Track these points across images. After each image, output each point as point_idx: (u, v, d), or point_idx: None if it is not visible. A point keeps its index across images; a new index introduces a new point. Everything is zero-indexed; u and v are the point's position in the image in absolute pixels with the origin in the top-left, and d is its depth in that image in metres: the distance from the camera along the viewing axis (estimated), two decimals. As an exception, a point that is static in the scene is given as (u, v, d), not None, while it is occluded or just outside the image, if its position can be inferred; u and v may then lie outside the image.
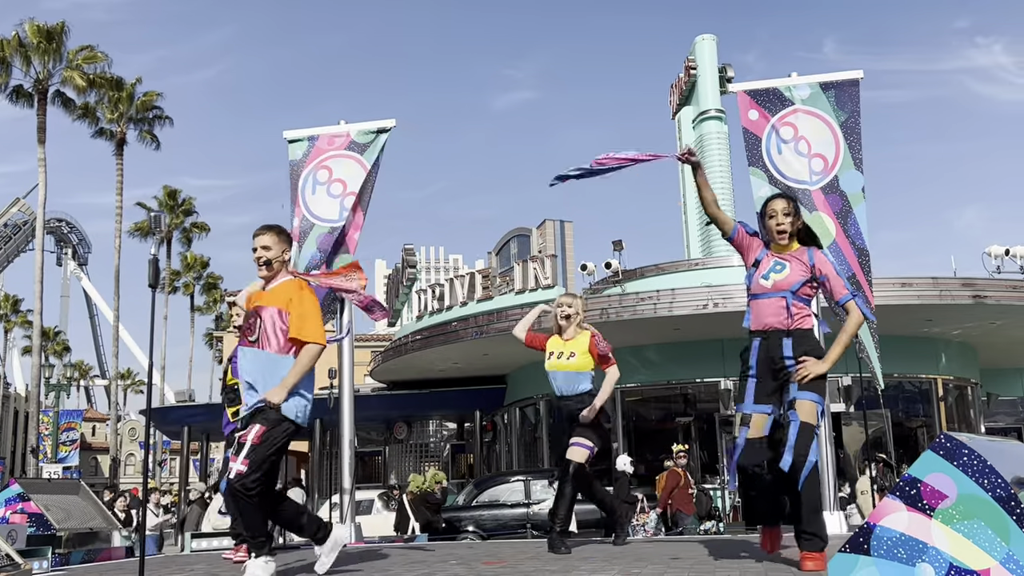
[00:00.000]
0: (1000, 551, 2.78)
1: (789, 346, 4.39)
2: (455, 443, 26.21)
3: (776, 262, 4.52)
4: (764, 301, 4.48)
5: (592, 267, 20.38)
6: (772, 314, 4.44)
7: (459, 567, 4.99)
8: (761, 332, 4.46)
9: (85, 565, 6.77)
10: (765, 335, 4.45)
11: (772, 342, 4.42)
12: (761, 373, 4.44)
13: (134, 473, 59.62)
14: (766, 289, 4.47)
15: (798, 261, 4.50)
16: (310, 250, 8.36)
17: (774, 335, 4.43)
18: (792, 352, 4.38)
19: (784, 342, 4.40)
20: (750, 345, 4.49)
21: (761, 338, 4.45)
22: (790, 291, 4.44)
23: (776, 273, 4.48)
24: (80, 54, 31.69)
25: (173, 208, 41.98)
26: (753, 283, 4.54)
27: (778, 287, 4.45)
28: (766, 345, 4.43)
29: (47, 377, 38.58)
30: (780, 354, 4.39)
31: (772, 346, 4.42)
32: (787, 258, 4.53)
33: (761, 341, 4.45)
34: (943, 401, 19.10)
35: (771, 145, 8.03)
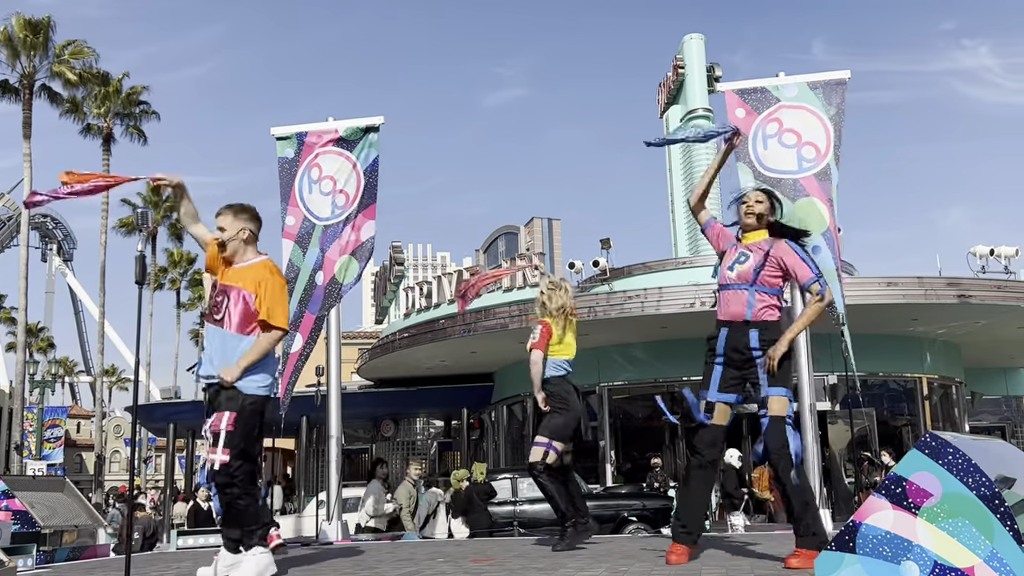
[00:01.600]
0: (984, 549, 2.80)
1: (756, 337, 4.46)
2: (442, 441, 26.20)
3: (741, 252, 4.61)
4: (729, 292, 4.57)
5: (580, 265, 20.42)
6: (738, 305, 4.51)
7: (446, 565, 4.99)
8: (727, 323, 4.53)
9: (70, 563, 6.74)
10: (731, 325, 4.51)
11: (738, 332, 4.48)
12: (727, 361, 4.50)
13: (119, 470, 59.33)
14: (731, 280, 4.57)
15: (760, 250, 4.57)
16: (314, 251, 8.36)
17: (740, 326, 4.49)
18: (758, 343, 4.45)
19: (751, 333, 4.46)
20: (717, 333, 4.56)
21: (728, 328, 4.52)
22: (751, 283, 4.51)
23: (740, 264, 4.57)
24: (67, 49, 31.48)
25: (157, 204, 41.73)
26: (720, 274, 4.65)
27: (741, 277, 4.54)
28: (733, 335, 4.49)
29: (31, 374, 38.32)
30: (746, 344, 4.46)
31: (738, 336, 4.48)
32: (751, 248, 4.61)
33: (729, 331, 4.51)
34: (928, 400, 19.21)
35: (757, 141, 8.08)
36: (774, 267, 4.52)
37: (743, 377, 4.49)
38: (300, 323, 8.34)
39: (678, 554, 4.43)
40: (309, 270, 8.36)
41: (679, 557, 4.41)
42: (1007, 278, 17.97)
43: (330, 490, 8.64)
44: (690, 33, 25.85)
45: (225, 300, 4.48)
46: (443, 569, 4.74)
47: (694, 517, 4.58)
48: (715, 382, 4.51)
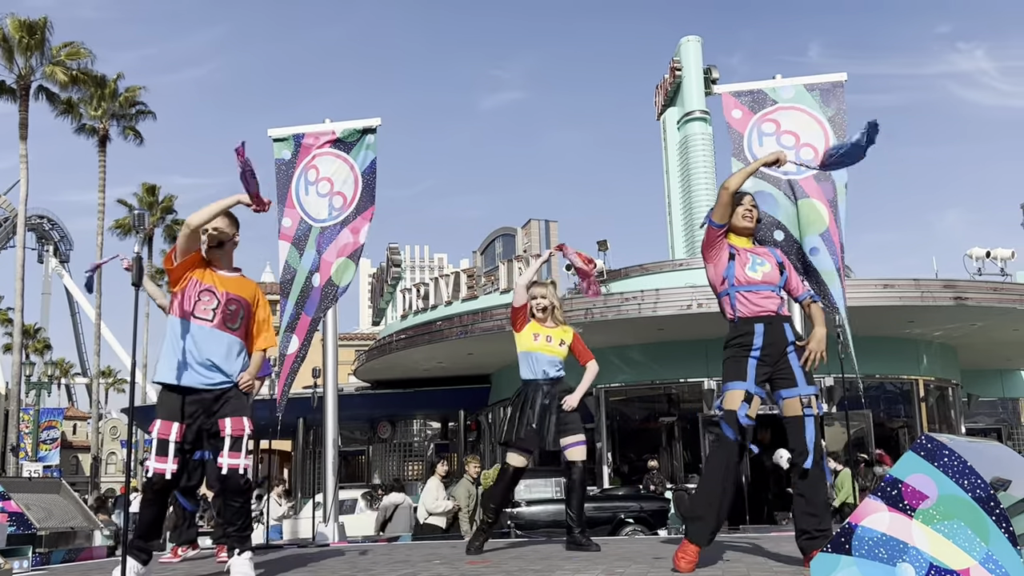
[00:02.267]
0: (980, 551, 2.81)
1: (790, 331, 4.46)
2: (439, 442, 26.17)
3: (753, 257, 4.57)
4: (760, 292, 4.48)
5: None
6: (771, 303, 4.47)
7: (443, 567, 4.99)
8: (764, 318, 4.42)
9: (66, 564, 6.73)
10: (768, 320, 4.42)
11: (776, 327, 4.42)
12: (762, 356, 4.38)
13: (115, 472, 59.24)
14: (757, 281, 4.49)
15: (772, 258, 4.60)
16: (311, 253, 8.35)
17: (777, 320, 4.44)
18: (794, 336, 4.45)
19: (784, 326, 4.45)
20: (751, 329, 4.40)
21: (765, 323, 4.41)
22: (779, 285, 4.54)
23: (761, 267, 4.53)
24: (63, 50, 31.46)
25: (152, 205, 41.68)
26: (739, 275, 4.51)
27: (768, 279, 4.51)
28: (771, 329, 4.40)
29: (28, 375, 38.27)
30: (785, 338, 4.41)
31: (776, 331, 4.41)
32: (761, 254, 4.61)
33: (766, 325, 4.41)
34: (924, 402, 19.23)
35: (753, 138, 8.09)
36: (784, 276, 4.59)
37: (770, 374, 4.40)
38: (296, 325, 8.33)
39: (688, 559, 4.21)
40: (306, 272, 8.35)
41: (688, 564, 4.19)
42: (1003, 280, 18.01)
43: (327, 492, 8.64)
44: (687, 35, 25.87)
45: (240, 310, 4.59)
46: (439, 571, 4.74)
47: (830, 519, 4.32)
48: (751, 373, 4.35)
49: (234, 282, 4.65)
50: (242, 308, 4.60)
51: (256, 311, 4.70)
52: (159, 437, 4.31)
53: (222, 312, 4.54)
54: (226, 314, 4.55)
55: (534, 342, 6.14)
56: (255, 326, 4.69)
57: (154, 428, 4.35)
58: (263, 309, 4.74)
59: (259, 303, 4.73)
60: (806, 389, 4.35)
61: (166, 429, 4.31)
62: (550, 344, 6.12)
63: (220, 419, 4.39)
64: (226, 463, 4.33)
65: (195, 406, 4.42)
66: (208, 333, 4.49)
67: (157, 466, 4.28)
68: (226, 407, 4.42)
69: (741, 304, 4.47)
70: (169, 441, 4.29)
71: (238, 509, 4.40)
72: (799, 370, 4.37)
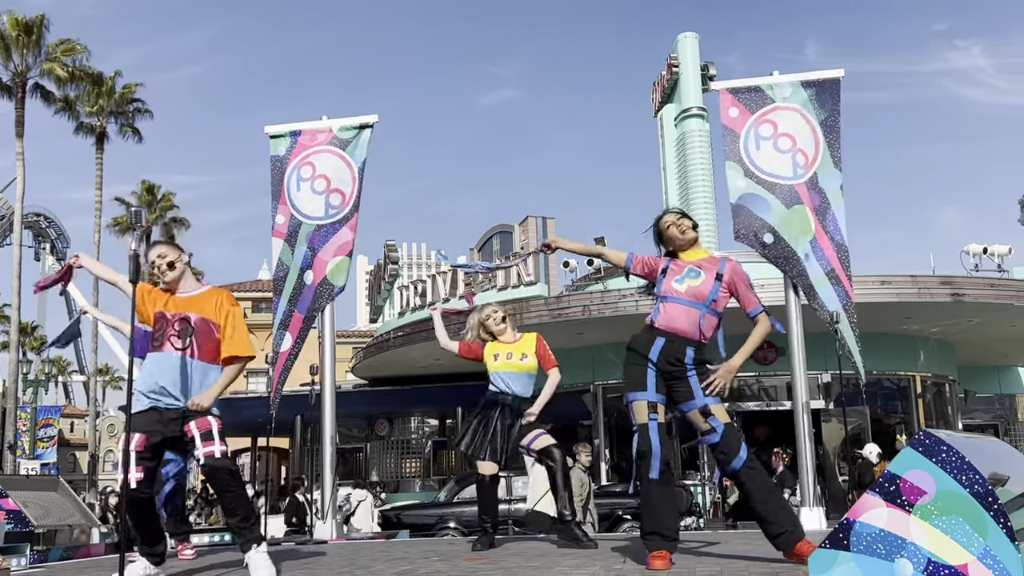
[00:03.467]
0: (978, 546, 2.81)
1: (691, 355, 4.39)
2: (437, 439, 26.17)
3: (689, 268, 4.49)
4: (677, 306, 4.42)
5: (574, 264, 20.41)
6: (685, 323, 4.40)
7: (441, 563, 4.99)
8: (667, 334, 4.40)
9: (64, 562, 6.72)
10: (670, 338, 4.39)
11: (677, 346, 4.39)
12: (658, 369, 4.39)
13: (113, 470, 59.19)
14: (679, 294, 4.43)
15: (712, 270, 4.48)
16: (302, 249, 8.34)
17: (680, 341, 4.39)
18: (692, 360, 4.39)
19: (688, 350, 4.39)
20: (651, 340, 4.41)
21: (666, 339, 4.39)
22: (705, 304, 4.42)
23: (691, 279, 4.45)
24: (60, 47, 31.40)
25: (152, 203, 41.62)
26: (664, 287, 4.49)
27: (693, 294, 4.42)
28: (669, 347, 4.38)
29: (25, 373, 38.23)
30: (681, 358, 4.37)
31: (676, 349, 4.38)
32: (700, 264, 4.51)
33: (665, 342, 4.39)
34: (921, 398, 19.26)
35: (749, 141, 8.09)
36: (725, 291, 4.47)
37: (668, 388, 4.41)
38: (289, 322, 8.32)
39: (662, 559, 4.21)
40: (297, 269, 8.34)
41: (664, 562, 4.20)
42: (1000, 276, 18.02)
43: (324, 489, 8.63)
44: (684, 32, 25.86)
45: (188, 328, 4.51)
46: (438, 568, 4.74)
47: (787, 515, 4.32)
48: (651, 383, 4.38)
49: (188, 301, 4.60)
50: (190, 325, 4.52)
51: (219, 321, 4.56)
52: (123, 449, 4.34)
53: (168, 335, 4.51)
54: (171, 335, 4.50)
55: (495, 362, 6.09)
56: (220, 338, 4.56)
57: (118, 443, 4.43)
58: (228, 317, 4.58)
59: (222, 313, 4.58)
60: (702, 401, 4.33)
61: (127, 441, 4.34)
62: (511, 361, 6.04)
63: (184, 425, 4.41)
64: (202, 453, 4.33)
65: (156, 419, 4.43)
66: (160, 359, 4.49)
67: (121, 476, 4.33)
68: (187, 416, 4.42)
69: (659, 315, 4.47)
70: (131, 451, 4.31)
71: (235, 497, 4.39)
72: (697, 387, 4.35)
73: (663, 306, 4.47)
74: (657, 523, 4.32)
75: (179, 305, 4.59)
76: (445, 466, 24.92)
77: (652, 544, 4.30)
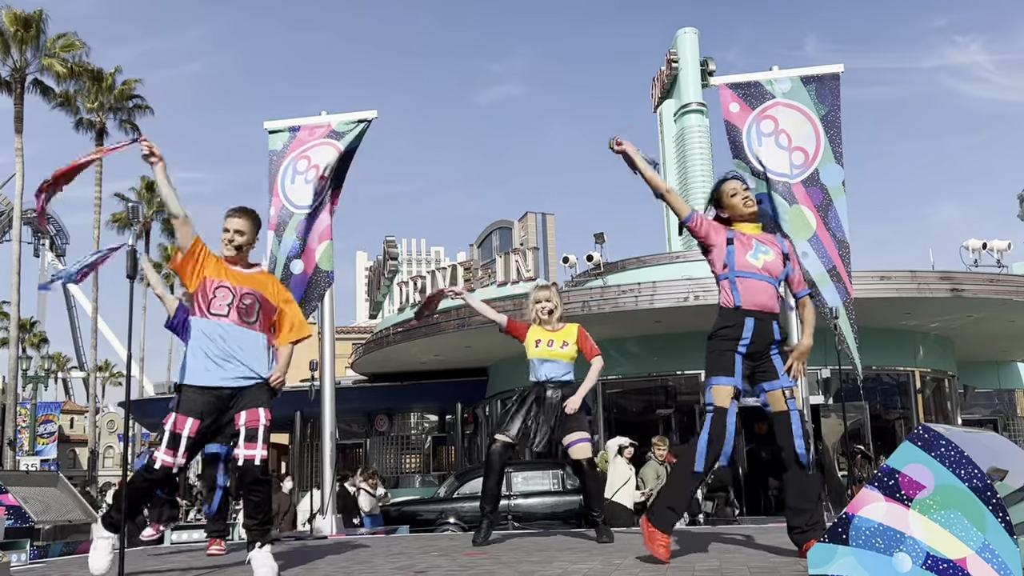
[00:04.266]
0: (976, 540, 2.82)
1: (777, 330, 4.39)
2: (436, 435, 26.20)
3: (758, 244, 4.45)
4: (757, 282, 4.38)
5: (574, 260, 20.40)
6: (767, 296, 4.38)
7: (440, 558, 5.00)
8: (756, 312, 4.35)
9: (64, 557, 6.73)
10: (759, 316, 4.35)
11: (765, 324, 4.36)
12: (748, 352, 4.34)
13: (112, 466, 59.25)
14: (757, 269, 4.39)
15: (777, 248, 4.49)
16: (290, 238, 8.32)
17: (768, 317, 4.37)
18: (779, 335, 4.40)
19: (774, 325, 4.39)
20: (740, 322, 4.33)
21: (755, 318, 4.34)
22: (778, 280, 4.44)
23: (764, 255, 4.42)
24: (58, 42, 31.36)
25: (151, 199, 41.60)
26: (738, 260, 4.40)
27: (768, 270, 4.40)
28: (760, 326, 4.34)
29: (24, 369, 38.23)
30: (772, 338, 4.36)
31: (764, 328, 4.35)
32: (765, 242, 4.49)
33: (756, 321, 4.34)
34: (921, 393, 19.28)
35: (751, 137, 8.08)
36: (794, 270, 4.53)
37: (752, 369, 4.38)
38: None
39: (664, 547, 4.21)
40: (283, 258, 8.31)
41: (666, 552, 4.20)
42: (999, 272, 18.01)
43: (324, 485, 8.64)
44: (683, 28, 25.84)
45: (256, 304, 4.55)
46: (437, 562, 4.75)
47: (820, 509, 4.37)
48: (738, 369, 4.31)
49: (249, 278, 4.62)
50: (258, 302, 4.56)
51: (277, 304, 4.64)
52: (173, 430, 4.29)
53: (237, 307, 4.51)
54: (240, 308, 4.52)
55: (535, 348, 6.11)
56: (278, 320, 4.65)
57: (168, 420, 4.34)
58: (285, 302, 4.70)
59: (280, 296, 4.68)
60: (787, 382, 4.36)
61: (181, 423, 4.30)
62: (551, 349, 6.08)
63: (236, 413, 4.39)
64: (241, 454, 4.32)
65: (214, 404, 4.40)
66: (226, 328, 4.47)
67: (165, 459, 4.27)
68: (242, 401, 4.41)
69: (739, 293, 4.37)
70: (182, 436, 4.28)
71: (259, 502, 4.40)
72: (781, 367, 4.36)
73: (741, 282, 4.39)
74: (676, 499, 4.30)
75: (240, 280, 4.58)
76: (445, 462, 24.93)
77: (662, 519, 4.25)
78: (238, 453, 4.34)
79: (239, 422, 4.36)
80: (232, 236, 4.60)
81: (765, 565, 4.06)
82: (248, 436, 4.34)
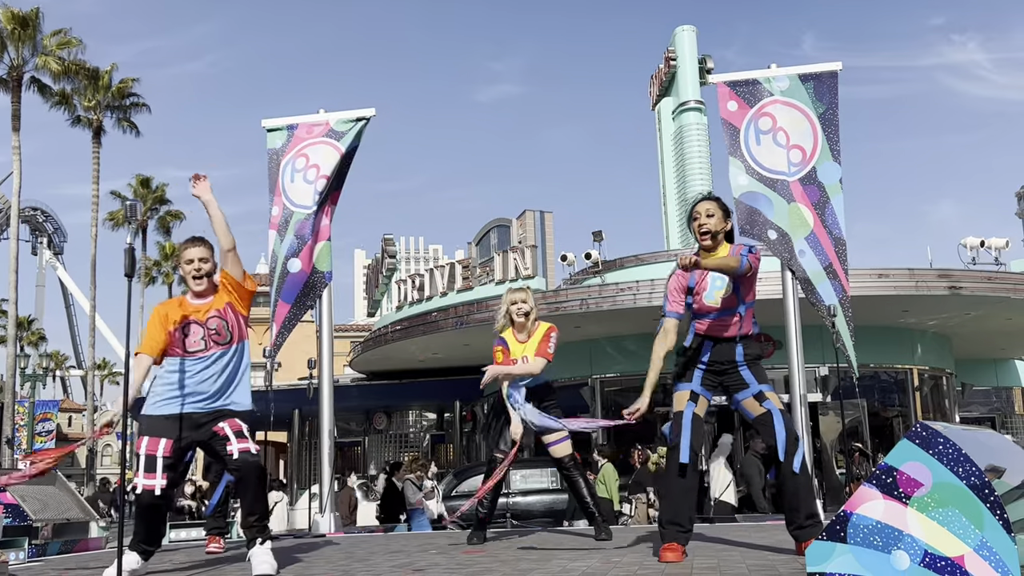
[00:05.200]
0: (974, 538, 2.82)
1: (740, 352, 4.49)
2: (435, 433, 26.20)
3: (712, 280, 4.47)
4: (715, 321, 4.49)
5: (572, 258, 20.39)
6: (724, 330, 4.50)
7: (439, 556, 5.00)
8: (713, 338, 4.52)
9: (62, 556, 6.73)
10: (719, 340, 4.51)
11: (724, 347, 4.50)
12: (708, 368, 4.51)
13: (111, 464, 59.18)
14: (714, 308, 4.47)
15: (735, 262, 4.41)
16: (289, 237, 8.32)
17: (728, 341, 4.50)
18: (743, 357, 4.48)
19: (736, 348, 4.49)
20: (700, 344, 4.53)
21: (713, 342, 4.51)
22: (741, 308, 4.47)
23: (718, 290, 4.45)
24: (54, 39, 31.30)
25: (146, 197, 41.53)
26: (697, 304, 4.52)
27: (726, 304, 4.45)
28: (719, 349, 4.50)
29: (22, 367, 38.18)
30: (731, 358, 4.48)
31: (724, 350, 4.50)
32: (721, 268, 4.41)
33: (714, 345, 4.51)
34: (918, 391, 19.29)
35: (749, 136, 8.07)
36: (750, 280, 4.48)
37: (721, 383, 4.53)
38: (275, 313, 8.29)
39: (675, 552, 4.26)
40: (282, 258, 8.31)
41: (677, 555, 4.25)
42: (997, 269, 18.03)
43: (323, 483, 8.64)
44: (682, 25, 25.82)
45: (222, 319, 4.52)
46: (435, 560, 4.75)
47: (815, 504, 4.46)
48: (697, 378, 4.53)
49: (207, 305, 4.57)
50: (222, 317, 4.54)
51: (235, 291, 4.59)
52: (147, 454, 4.29)
53: (208, 335, 4.50)
54: (211, 334, 4.50)
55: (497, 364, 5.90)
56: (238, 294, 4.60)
57: (140, 445, 4.33)
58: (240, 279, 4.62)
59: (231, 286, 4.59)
60: (757, 387, 4.43)
61: (153, 446, 4.30)
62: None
63: (214, 427, 4.40)
64: (236, 448, 4.33)
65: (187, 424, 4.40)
66: (204, 361, 4.47)
67: (146, 483, 4.27)
68: (215, 418, 4.42)
69: (699, 326, 4.55)
70: (157, 457, 4.29)
71: (258, 495, 4.41)
72: (750, 376, 4.46)
73: (699, 324, 4.55)
74: (675, 513, 4.39)
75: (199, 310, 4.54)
76: (443, 460, 24.94)
77: (668, 535, 4.35)
78: (231, 449, 4.35)
79: (222, 430, 4.37)
80: (199, 265, 4.54)
81: (764, 563, 4.07)
82: (237, 435, 4.36)
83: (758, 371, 4.49)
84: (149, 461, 4.28)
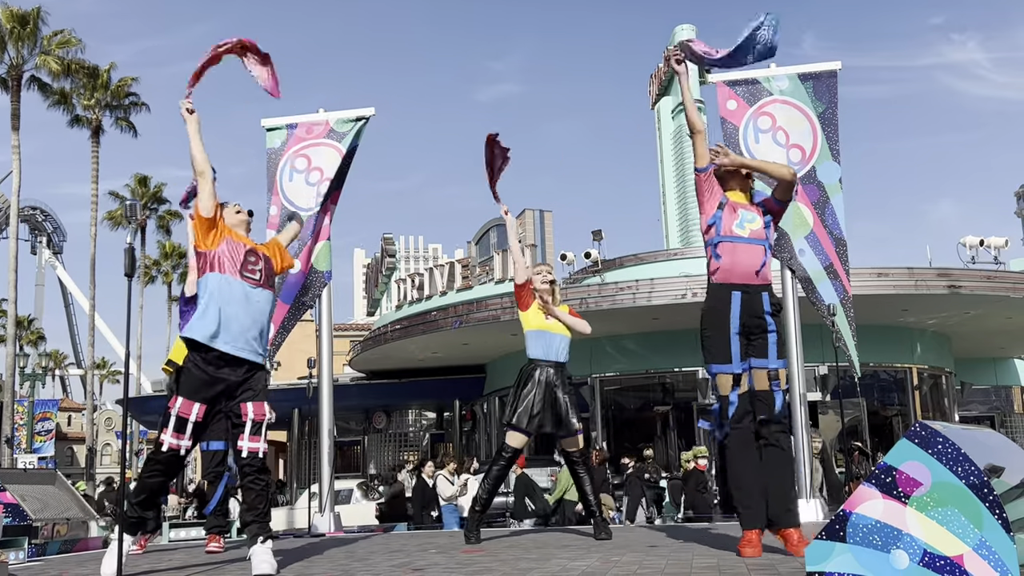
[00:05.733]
0: (973, 537, 2.82)
1: (767, 301, 4.35)
2: (434, 432, 26.22)
3: (743, 213, 4.44)
4: (743, 247, 4.35)
5: (572, 257, 20.41)
6: (752, 257, 4.34)
7: (438, 555, 5.00)
8: (742, 286, 4.33)
9: (62, 555, 6.73)
10: (746, 289, 4.33)
11: (753, 298, 4.33)
12: (742, 330, 4.32)
13: (110, 463, 59.18)
14: (742, 235, 4.38)
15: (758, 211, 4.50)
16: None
17: (754, 289, 4.34)
18: (770, 307, 4.35)
19: (763, 296, 4.35)
20: (727, 298, 4.31)
21: (742, 292, 4.32)
22: (767, 242, 4.43)
23: (749, 223, 4.42)
24: (54, 39, 31.28)
25: (144, 196, 41.52)
26: (725, 226, 4.39)
27: (755, 235, 4.39)
28: (748, 300, 4.32)
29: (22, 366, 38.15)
30: (761, 310, 4.32)
31: (754, 302, 4.32)
32: (752, 210, 4.49)
33: (743, 295, 4.32)
34: (918, 390, 19.31)
35: (748, 134, 8.08)
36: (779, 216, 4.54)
37: (748, 347, 4.33)
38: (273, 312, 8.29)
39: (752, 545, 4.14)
40: None
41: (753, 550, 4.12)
42: (996, 268, 18.05)
43: (322, 482, 8.64)
44: (681, 24, 25.83)
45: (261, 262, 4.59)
46: (435, 560, 4.75)
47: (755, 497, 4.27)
48: (736, 352, 4.28)
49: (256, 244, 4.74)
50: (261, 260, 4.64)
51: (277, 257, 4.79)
52: (179, 415, 4.29)
53: (264, 271, 4.59)
54: (268, 269, 4.62)
55: (546, 320, 5.87)
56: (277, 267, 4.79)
57: (175, 404, 4.31)
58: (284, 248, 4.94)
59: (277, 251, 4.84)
60: (775, 363, 4.31)
61: (187, 408, 4.30)
62: (549, 322, 5.89)
63: (242, 403, 4.39)
64: (246, 446, 4.34)
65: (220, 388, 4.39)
66: (259, 294, 4.52)
67: (172, 441, 4.28)
68: (248, 392, 4.41)
69: (724, 262, 4.37)
70: (189, 420, 4.29)
71: (260, 491, 4.41)
72: (773, 346, 4.33)
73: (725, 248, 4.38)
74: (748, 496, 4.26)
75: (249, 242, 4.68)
76: (443, 458, 24.95)
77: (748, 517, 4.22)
78: (242, 445, 4.35)
79: (246, 413, 4.37)
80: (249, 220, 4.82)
81: (763, 562, 4.07)
82: (254, 429, 4.37)
83: (781, 344, 4.38)
84: (179, 422, 4.29)
